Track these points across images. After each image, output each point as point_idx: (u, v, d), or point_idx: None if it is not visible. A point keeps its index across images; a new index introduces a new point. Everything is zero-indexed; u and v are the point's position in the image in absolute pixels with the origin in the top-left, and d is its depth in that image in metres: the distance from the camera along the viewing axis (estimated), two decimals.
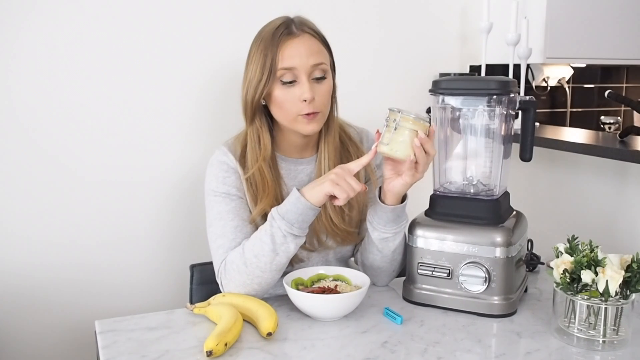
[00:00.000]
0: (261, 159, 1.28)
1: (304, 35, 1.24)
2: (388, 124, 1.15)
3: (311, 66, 1.23)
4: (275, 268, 1.20)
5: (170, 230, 1.78)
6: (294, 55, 1.21)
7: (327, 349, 1.07)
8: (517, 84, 1.29)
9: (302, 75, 1.22)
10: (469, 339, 1.11)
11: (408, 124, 1.14)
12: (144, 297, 1.77)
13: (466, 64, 2.18)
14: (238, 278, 1.21)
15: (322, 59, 1.25)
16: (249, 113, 1.28)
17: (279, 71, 1.22)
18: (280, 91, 1.24)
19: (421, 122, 1.15)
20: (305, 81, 1.22)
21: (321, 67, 1.24)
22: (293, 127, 1.27)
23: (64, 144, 1.63)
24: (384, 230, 1.27)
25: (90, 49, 1.63)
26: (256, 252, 1.19)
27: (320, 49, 1.26)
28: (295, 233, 1.18)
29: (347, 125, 1.42)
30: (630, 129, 1.69)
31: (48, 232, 1.64)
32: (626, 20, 2.24)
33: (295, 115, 1.25)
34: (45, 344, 1.67)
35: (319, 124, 1.27)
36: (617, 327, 1.07)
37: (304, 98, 1.22)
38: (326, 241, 1.34)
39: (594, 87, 2.78)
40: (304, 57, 1.22)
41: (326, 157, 1.33)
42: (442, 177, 1.32)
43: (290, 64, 1.21)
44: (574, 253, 1.10)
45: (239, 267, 1.21)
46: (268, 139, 1.30)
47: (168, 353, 1.05)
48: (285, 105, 1.24)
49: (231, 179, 1.30)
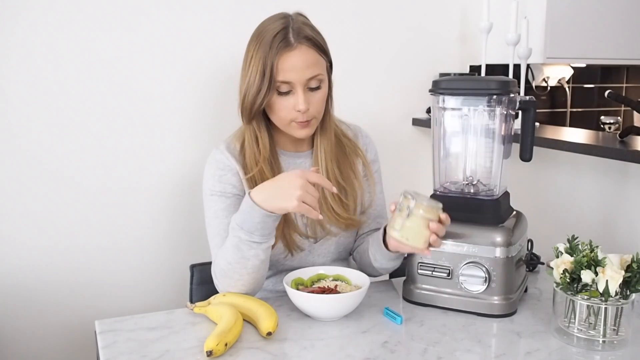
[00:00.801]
0: (262, 160, 1.31)
1: (301, 48, 1.24)
2: (401, 208, 1.11)
3: (307, 79, 1.25)
4: (252, 270, 1.20)
5: (170, 231, 1.78)
6: (291, 69, 1.23)
7: (327, 349, 1.07)
8: (517, 84, 1.29)
9: (298, 88, 1.25)
10: (469, 339, 1.11)
11: (420, 212, 1.10)
12: (144, 297, 1.77)
13: (466, 64, 2.18)
14: (223, 281, 1.24)
15: (318, 71, 1.27)
16: (247, 116, 1.30)
17: (277, 83, 1.24)
18: (277, 99, 1.26)
19: (434, 209, 1.12)
20: (301, 93, 1.25)
21: (317, 78, 1.27)
22: (287, 130, 1.31)
23: (63, 145, 1.63)
24: (385, 263, 1.33)
25: (88, 50, 1.63)
26: (228, 259, 1.20)
27: (316, 59, 1.27)
28: (257, 240, 1.17)
29: (340, 122, 1.45)
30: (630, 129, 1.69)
31: (48, 233, 1.64)
32: (626, 20, 2.24)
33: (289, 121, 1.28)
34: (45, 344, 1.67)
35: (312, 129, 1.31)
36: (617, 327, 1.07)
37: (298, 109, 1.25)
38: (330, 228, 1.37)
39: (594, 87, 2.78)
40: (300, 71, 1.24)
41: (322, 151, 1.36)
42: (442, 177, 1.32)
43: (288, 77, 1.24)
44: (574, 253, 1.10)
45: (222, 271, 1.23)
46: (266, 138, 1.33)
47: (168, 353, 1.05)
48: (281, 112, 1.27)
49: (227, 177, 1.32)
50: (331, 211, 1.34)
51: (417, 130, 2.12)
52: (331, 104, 1.37)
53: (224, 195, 1.31)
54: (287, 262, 1.35)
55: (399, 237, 1.12)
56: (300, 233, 1.34)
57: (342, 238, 1.40)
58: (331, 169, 1.36)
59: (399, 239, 1.13)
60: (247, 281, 1.22)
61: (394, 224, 1.12)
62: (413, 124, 2.11)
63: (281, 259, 1.34)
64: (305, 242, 1.35)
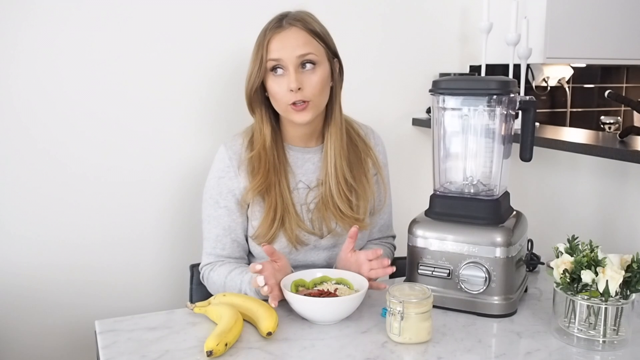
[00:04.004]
0: (260, 146, 1.35)
1: (292, 28, 1.30)
2: (393, 312, 1.08)
3: (297, 57, 1.28)
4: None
5: (171, 231, 1.78)
6: (281, 48, 1.29)
7: (327, 349, 1.07)
8: (517, 84, 1.29)
9: (290, 66, 1.28)
10: (469, 339, 1.11)
11: (412, 312, 1.07)
12: (144, 297, 1.77)
13: (466, 64, 2.18)
14: (211, 289, 1.38)
15: (310, 49, 1.30)
16: (248, 104, 1.36)
17: (268, 62, 1.29)
18: (273, 82, 1.31)
19: (423, 302, 1.08)
20: (292, 72, 1.28)
21: (308, 57, 1.29)
22: (287, 116, 1.33)
23: (64, 143, 1.63)
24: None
25: (94, 45, 1.63)
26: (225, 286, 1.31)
27: (307, 40, 1.30)
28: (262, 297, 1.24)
29: (353, 121, 1.48)
30: (630, 129, 1.69)
31: (48, 232, 1.64)
32: (626, 20, 2.24)
33: (286, 105, 1.31)
34: (45, 344, 1.67)
35: (309, 113, 1.31)
36: (617, 327, 1.07)
37: (290, 88, 1.28)
38: (335, 228, 1.37)
39: (594, 87, 2.78)
40: (290, 48, 1.28)
41: (332, 147, 1.37)
42: (442, 177, 1.32)
43: (277, 55, 1.29)
44: (574, 253, 1.10)
45: (213, 287, 1.36)
46: (268, 129, 1.36)
47: (168, 353, 1.05)
48: (277, 95, 1.31)
49: (224, 180, 1.36)
50: (336, 208, 1.35)
51: (417, 130, 2.12)
52: (338, 96, 1.39)
53: (217, 203, 1.37)
54: (291, 257, 1.35)
55: (403, 342, 1.08)
56: (305, 229, 1.35)
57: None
58: (340, 165, 1.36)
59: (404, 342, 1.09)
60: None
61: (392, 328, 1.09)
62: (413, 124, 2.11)
63: (286, 254, 1.34)
64: (310, 237, 1.36)
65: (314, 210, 1.36)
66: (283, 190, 1.33)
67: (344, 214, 1.35)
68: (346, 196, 1.35)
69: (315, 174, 1.39)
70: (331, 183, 1.35)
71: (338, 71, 1.38)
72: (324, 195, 1.36)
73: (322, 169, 1.38)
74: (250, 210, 1.36)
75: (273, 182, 1.33)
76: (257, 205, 1.35)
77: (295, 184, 1.37)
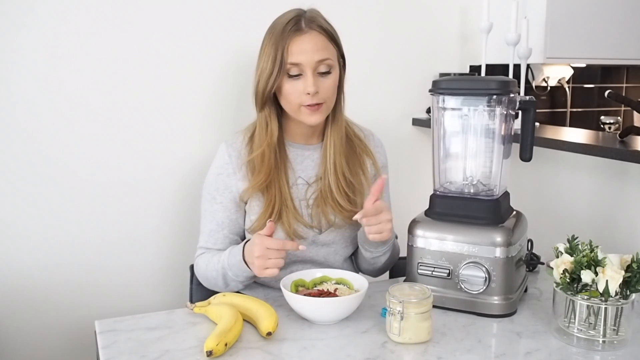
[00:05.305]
0: (265, 145, 1.35)
1: (311, 32, 1.30)
2: (393, 312, 1.08)
3: (316, 62, 1.29)
4: (232, 288, 1.34)
5: (171, 231, 1.78)
6: (301, 52, 1.29)
7: (327, 349, 1.07)
8: (517, 84, 1.29)
9: (308, 70, 1.29)
10: (469, 339, 1.11)
11: (412, 312, 1.07)
12: (144, 297, 1.77)
13: (466, 64, 2.18)
14: (203, 282, 1.41)
15: (327, 55, 1.31)
16: (260, 102, 1.36)
17: (287, 65, 1.29)
18: (288, 83, 1.31)
19: (423, 301, 1.08)
20: (310, 76, 1.29)
21: (326, 62, 1.31)
22: (297, 117, 1.34)
23: (65, 143, 1.63)
24: (374, 251, 1.37)
25: (98, 43, 1.62)
26: (213, 274, 1.34)
27: (326, 45, 1.31)
28: (241, 280, 1.31)
29: (352, 123, 1.49)
30: (630, 129, 1.69)
31: (48, 232, 1.64)
32: (626, 20, 2.24)
33: (299, 106, 1.31)
34: (45, 344, 1.67)
35: (322, 114, 1.33)
36: (617, 327, 1.07)
37: (307, 91, 1.29)
38: (335, 220, 1.38)
39: (594, 87, 2.78)
40: (310, 53, 1.29)
41: (332, 144, 1.39)
42: (442, 177, 1.32)
43: (297, 59, 1.28)
44: (574, 253, 1.10)
45: (204, 277, 1.39)
46: (276, 126, 1.37)
47: (168, 353, 1.05)
48: (291, 96, 1.31)
49: (222, 177, 1.38)
50: (335, 202, 1.36)
51: (417, 130, 2.12)
52: (343, 97, 1.40)
53: (214, 199, 1.39)
54: (290, 252, 1.35)
55: (403, 342, 1.08)
56: (303, 222, 1.35)
57: (347, 231, 1.40)
58: (339, 162, 1.38)
59: (404, 342, 1.09)
60: (227, 290, 1.33)
61: (392, 328, 1.09)
62: (413, 124, 2.11)
63: None
64: (309, 232, 1.37)
65: (313, 205, 1.37)
66: (282, 186, 1.35)
67: (342, 207, 1.36)
68: (344, 191, 1.37)
69: (315, 171, 1.40)
70: (330, 179, 1.37)
71: (343, 71, 1.39)
72: (323, 190, 1.37)
73: (322, 165, 1.39)
74: (248, 205, 1.37)
75: (273, 179, 1.34)
76: (256, 200, 1.36)
77: (295, 180, 1.38)
